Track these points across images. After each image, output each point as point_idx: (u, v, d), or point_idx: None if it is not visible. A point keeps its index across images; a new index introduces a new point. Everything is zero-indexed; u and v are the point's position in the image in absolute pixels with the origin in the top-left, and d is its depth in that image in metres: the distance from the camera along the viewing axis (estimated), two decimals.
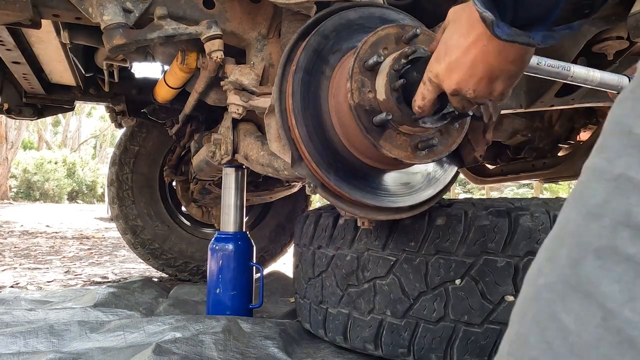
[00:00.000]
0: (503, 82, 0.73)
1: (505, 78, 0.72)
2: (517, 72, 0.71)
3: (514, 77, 0.73)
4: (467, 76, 0.73)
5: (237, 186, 1.95)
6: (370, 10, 1.11)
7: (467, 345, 1.20)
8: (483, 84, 0.73)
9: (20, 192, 19.52)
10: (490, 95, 0.75)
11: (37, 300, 2.14)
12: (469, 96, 0.75)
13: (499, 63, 0.70)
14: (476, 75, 0.73)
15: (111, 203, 3.05)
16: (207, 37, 1.35)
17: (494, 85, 0.73)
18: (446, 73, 0.76)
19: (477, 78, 0.73)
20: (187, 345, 1.36)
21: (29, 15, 1.33)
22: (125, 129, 3.05)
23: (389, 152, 0.95)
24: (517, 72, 0.71)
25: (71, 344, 1.48)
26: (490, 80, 0.72)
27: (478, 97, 0.75)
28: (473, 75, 0.73)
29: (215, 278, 1.85)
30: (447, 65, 0.75)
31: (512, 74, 0.71)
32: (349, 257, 1.40)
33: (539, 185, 9.22)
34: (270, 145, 1.17)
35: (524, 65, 0.71)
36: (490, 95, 0.75)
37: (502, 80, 0.72)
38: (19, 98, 2.59)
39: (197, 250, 3.05)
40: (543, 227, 1.19)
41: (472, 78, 0.73)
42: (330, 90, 1.05)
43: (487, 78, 0.72)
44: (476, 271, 1.20)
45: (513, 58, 0.69)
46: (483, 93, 0.74)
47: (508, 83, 0.73)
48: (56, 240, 5.84)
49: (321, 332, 1.50)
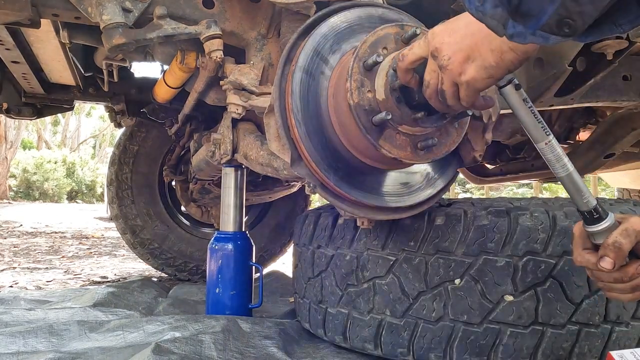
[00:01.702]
0: (475, 69, 0.73)
1: (479, 66, 0.73)
2: (493, 66, 0.72)
3: (487, 70, 0.73)
4: (452, 42, 0.75)
5: (237, 186, 1.94)
6: (370, 10, 1.11)
7: (467, 345, 1.20)
8: (459, 57, 0.74)
9: (19, 191, 19.50)
10: (457, 76, 0.75)
11: (37, 300, 2.13)
12: (442, 61, 0.76)
13: (482, 45, 0.71)
14: (458, 45, 0.74)
15: (110, 203, 3.05)
16: (206, 37, 1.35)
17: (466, 66, 0.74)
18: (440, 31, 0.78)
19: (457, 48, 0.74)
20: (186, 345, 1.36)
21: (29, 15, 1.33)
22: (125, 129, 3.05)
23: (388, 151, 0.95)
24: (492, 66, 0.72)
25: (70, 343, 1.48)
26: (466, 58, 0.73)
27: (448, 69, 0.76)
28: (456, 43, 0.74)
29: (214, 278, 1.85)
30: (445, 26, 0.78)
31: (487, 64, 0.72)
32: (349, 257, 1.40)
33: (538, 185, 9.22)
34: (269, 145, 1.16)
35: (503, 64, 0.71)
36: (458, 75, 0.75)
37: (475, 65, 0.73)
38: (18, 98, 2.59)
39: (196, 249, 3.05)
40: (542, 226, 1.19)
41: (454, 45, 0.75)
42: (330, 89, 1.05)
43: (465, 53, 0.73)
44: (475, 271, 1.20)
45: (494, 47, 0.70)
46: (454, 67, 0.75)
47: (479, 73, 0.73)
48: (55, 239, 5.84)
49: (320, 332, 1.50)
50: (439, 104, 0.84)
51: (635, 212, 1.27)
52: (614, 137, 2.20)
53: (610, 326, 1.20)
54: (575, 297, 1.18)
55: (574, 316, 1.18)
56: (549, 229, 1.19)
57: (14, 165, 18.48)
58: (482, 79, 0.74)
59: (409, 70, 0.86)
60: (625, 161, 2.57)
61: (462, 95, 0.78)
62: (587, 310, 1.18)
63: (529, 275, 1.18)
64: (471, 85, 0.75)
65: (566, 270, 1.17)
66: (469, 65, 0.74)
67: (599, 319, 1.19)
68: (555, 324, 1.17)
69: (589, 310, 1.18)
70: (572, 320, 1.18)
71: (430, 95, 0.84)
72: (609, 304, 1.20)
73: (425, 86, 0.84)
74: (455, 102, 0.81)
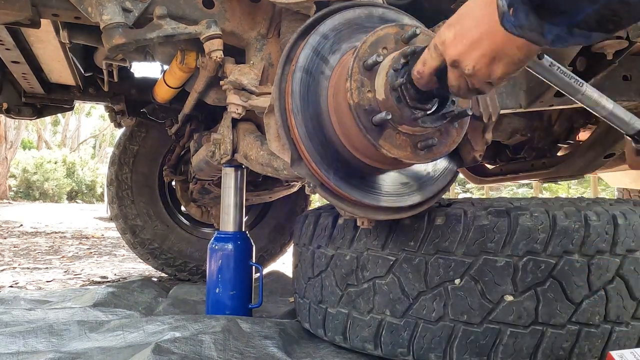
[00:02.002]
0: (504, 67, 0.71)
1: (508, 63, 0.70)
2: (522, 59, 0.70)
3: (517, 65, 0.71)
4: (471, 49, 0.72)
5: (237, 186, 1.94)
6: (370, 10, 1.11)
7: (467, 345, 1.20)
8: (484, 61, 0.71)
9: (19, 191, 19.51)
10: (488, 77, 0.73)
11: (37, 300, 2.13)
12: (467, 71, 0.74)
13: (505, 45, 0.68)
14: (479, 50, 0.71)
15: (110, 203, 3.05)
16: (206, 37, 1.35)
17: (494, 67, 0.71)
18: (452, 40, 0.75)
19: (480, 53, 0.71)
20: (186, 345, 1.36)
21: (29, 15, 1.33)
22: (125, 129, 3.05)
23: (388, 151, 0.95)
24: (521, 60, 0.70)
25: (70, 343, 1.48)
26: (492, 60, 0.71)
27: (476, 75, 0.73)
28: (476, 49, 0.71)
29: (214, 278, 1.85)
30: (455, 32, 0.74)
31: (515, 60, 0.70)
32: (349, 257, 1.40)
33: (538, 185, 9.22)
34: (269, 145, 1.17)
35: (531, 54, 0.69)
36: (488, 77, 0.73)
37: (503, 64, 0.71)
38: (18, 98, 2.59)
39: (196, 249, 3.05)
40: (542, 226, 1.19)
41: (475, 52, 0.71)
42: (330, 89, 1.05)
43: (490, 57, 0.71)
44: (475, 271, 1.20)
45: (521, 44, 0.67)
46: (482, 72, 0.73)
47: (509, 69, 0.71)
48: (55, 239, 5.84)
49: (320, 332, 1.50)
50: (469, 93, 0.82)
51: (635, 212, 1.27)
52: (614, 137, 2.20)
53: (610, 326, 1.20)
54: (575, 297, 1.18)
55: (574, 316, 1.18)
56: (549, 229, 1.19)
57: (14, 165, 18.48)
58: (511, 72, 0.72)
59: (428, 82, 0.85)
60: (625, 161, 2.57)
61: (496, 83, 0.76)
62: (587, 310, 1.18)
63: (529, 275, 1.18)
64: (504, 78, 0.73)
65: (566, 270, 1.17)
66: (496, 65, 0.71)
67: (599, 319, 1.19)
68: (555, 324, 1.17)
69: (589, 310, 1.18)
70: (572, 320, 1.18)
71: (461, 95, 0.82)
72: (609, 304, 1.20)
73: (455, 91, 0.81)
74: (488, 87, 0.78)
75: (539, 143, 2.55)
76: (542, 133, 2.52)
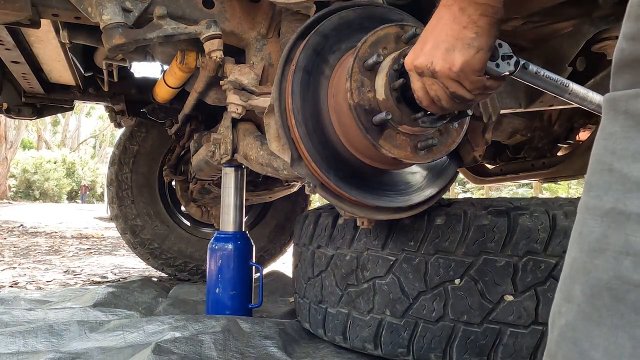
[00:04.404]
0: (461, 53, 0.72)
1: (463, 47, 0.71)
2: (472, 38, 0.70)
3: (471, 47, 0.71)
4: (426, 49, 0.75)
5: (237, 186, 1.94)
6: (370, 10, 1.11)
7: (467, 345, 1.20)
8: (439, 53, 0.73)
9: (19, 191, 19.51)
10: (452, 67, 0.73)
11: (37, 300, 2.13)
12: (432, 69, 0.75)
13: (452, 30, 0.71)
14: (430, 46, 0.74)
15: (110, 203, 3.05)
16: (206, 37, 1.35)
17: (451, 56, 0.72)
18: (410, 55, 0.79)
19: (431, 48, 0.74)
20: (186, 345, 1.36)
21: (28, 15, 1.33)
22: (125, 129, 3.05)
23: (388, 151, 0.95)
24: (472, 39, 0.70)
25: (70, 343, 1.48)
26: (447, 50, 0.72)
27: (441, 70, 0.74)
28: (431, 48, 0.74)
29: (214, 278, 1.85)
30: (413, 47, 0.79)
31: (467, 41, 0.71)
32: (349, 257, 1.40)
33: (538, 185, 9.23)
34: (269, 145, 1.17)
35: (480, 30, 0.70)
36: (452, 67, 0.73)
37: (459, 50, 0.71)
38: (18, 98, 2.59)
39: (196, 249, 3.05)
40: (542, 226, 1.19)
41: (430, 50, 0.74)
42: (330, 89, 1.05)
43: (443, 48, 0.72)
44: (475, 271, 1.20)
45: (466, 23, 0.69)
46: (443, 65, 0.74)
47: (466, 53, 0.71)
48: (55, 239, 5.84)
49: (320, 332, 1.50)
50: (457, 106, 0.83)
51: None
52: None
53: None
54: None
55: None
56: (549, 229, 1.19)
57: (13, 165, 18.49)
58: (473, 56, 0.72)
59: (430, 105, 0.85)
60: None
61: (468, 86, 0.76)
62: None
63: (529, 275, 1.18)
64: (467, 69, 0.73)
65: None
66: (452, 54, 0.72)
67: None
68: None
69: None
70: None
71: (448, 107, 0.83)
72: None
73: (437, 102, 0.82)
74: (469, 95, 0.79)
75: (539, 143, 2.55)
76: (542, 133, 2.52)
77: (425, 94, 0.82)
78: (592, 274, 0.41)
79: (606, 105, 0.43)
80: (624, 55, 0.43)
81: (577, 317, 0.42)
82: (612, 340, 0.38)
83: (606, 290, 0.39)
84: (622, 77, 0.43)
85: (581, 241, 0.43)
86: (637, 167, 0.39)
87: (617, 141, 0.41)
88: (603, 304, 0.39)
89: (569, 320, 0.42)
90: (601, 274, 0.40)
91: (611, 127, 0.42)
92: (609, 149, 0.42)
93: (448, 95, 0.79)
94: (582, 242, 0.43)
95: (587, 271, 0.42)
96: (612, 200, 0.40)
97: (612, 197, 0.40)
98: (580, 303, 0.41)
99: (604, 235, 0.40)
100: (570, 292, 0.43)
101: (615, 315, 0.38)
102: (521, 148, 2.69)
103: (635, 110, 0.40)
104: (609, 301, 0.39)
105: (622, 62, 0.43)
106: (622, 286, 0.38)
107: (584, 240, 0.43)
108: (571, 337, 0.42)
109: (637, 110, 0.40)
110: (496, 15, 0.69)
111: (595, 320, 0.40)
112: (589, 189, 0.43)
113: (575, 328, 0.41)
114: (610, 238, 0.40)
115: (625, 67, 0.42)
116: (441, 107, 0.83)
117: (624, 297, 0.38)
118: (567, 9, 1.48)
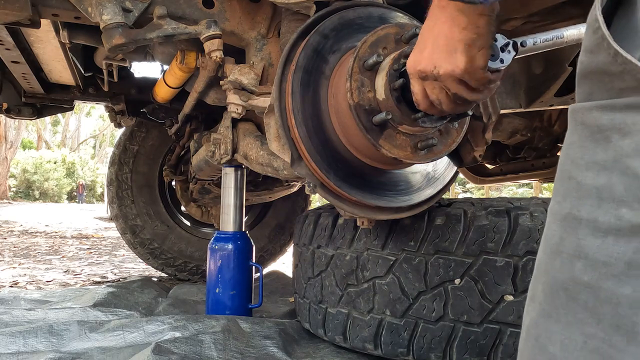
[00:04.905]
0: (463, 54, 0.71)
1: (464, 48, 0.71)
2: (473, 39, 0.70)
3: (473, 47, 0.71)
4: (427, 54, 0.74)
5: (237, 186, 1.95)
6: (370, 10, 1.11)
7: (467, 345, 1.20)
8: (442, 57, 0.73)
9: (19, 191, 19.52)
10: (456, 70, 0.73)
11: (37, 300, 2.13)
12: (436, 74, 0.75)
13: (452, 32, 0.70)
14: (430, 49, 0.73)
15: (110, 203, 3.05)
16: (206, 37, 1.35)
17: (454, 58, 0.72)
18: (411, 59, 0.78)
19: (431, 52, 0.73)
20: (186, 345, 1.36)
21: (28, 15, 1.33)
22: (125, 129, 3.05)
23: (388, 151, 0.95)
24: (473, 40, 0.70)
25: (70, 343, 1.48)
26: (448, 52, 0.72)
27: (445, 74, 0.74)
28: (432, 52, 0.73)
29: (214, 278, 1.85)
30: (413, 50, 0.77)
31: (468, 42, 0.70)
32: (349, 257, 1.40)
33: (538, 184, 9.22)
34: (269, 145, 1.17)
35: (480, 30, 0.69)
36: (456, 68, 0.73)
37: (460, 51, 0.71)
38: (18, 98, 2.59)
39: (196, 249, 3.05)
40: (542, 226, 1.19)
41: (431, 55, 0.73)
42: (330, 89, 1.05)
43: (445, 51, 0.72)
44: (475, 271, 1.20)
45: (465, 24, 0.69)
46: (447, 68, 0.73)
47: (468, 54, 0.71)
48: (55, 239, 5.84)
49: (320, 332, 1.50)
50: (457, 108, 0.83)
51: None
52: None
53: None
54: None
55: None
56: None
57: (13, 165, 18.50)
58: (475, 55, 0.72)
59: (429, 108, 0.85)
60: None
61: (474, 84, 0.76)
62: None
63: (529, 275, 1.17)
64: (472, 68, 0.73)
65: None
66: (454, 56, 0.72)
67: None
68: None
69: None
70: None
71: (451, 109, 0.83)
72: None
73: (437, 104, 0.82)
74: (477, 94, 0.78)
75: (539, 143, 2.55)
76: (542, 133, 2.52)
77: (424, 97, 0.82)
78: (551, 275, 0.44)
79: (569, 116, 0.47)
80: (582, 67, 0.45)
81: (539, 315, 0.45)
82: (567, 336, 0.42)
83: (562, 290, 0.43)
84: (582, 88, 0.45)
85: (545, 244, 0.47)
86: (589, 175, 0.42)
87: (575, 150, 0.44)
88: (560, 303, 0.43)
89: (532, 318, 0.46)
90: (558, 275, 0.43)
91: (571, 136, 0.45)
92: (569, 157, 0.45)
93: (449, 97, 0.79)
94: (545, 245, 0.46)
95: (547, 272, 0.45)
96: (569, 206, 0.44)
97: (569, 203, 0.44)
98: (542, 302, 0.45)
99: (561, 238, 0.44)
100: (535, 292, 0.47)
101: (569, 313, 0.42)
102: (521, 148, 2.69)
103: (589, 121, 0.43)
104: (564, 300, 0.42)
105: (580, 73, 0.46)
106: (575, 287, 0.42)
107: (547, 243, 0.46)
108: (534, 333, 0.45)
109: (591, 121, 0.43)
110: (494, 12, 0.69)
111: (554, 318, 0.43)
112: (554, 195, 0.47)
113: (537, 325, 0.45)
114: (566, 241, 0.43)
115: (583, 78, 0.45)
116: (440, 110, 0.83)
117: (576, 297, 0.41)
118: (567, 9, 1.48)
